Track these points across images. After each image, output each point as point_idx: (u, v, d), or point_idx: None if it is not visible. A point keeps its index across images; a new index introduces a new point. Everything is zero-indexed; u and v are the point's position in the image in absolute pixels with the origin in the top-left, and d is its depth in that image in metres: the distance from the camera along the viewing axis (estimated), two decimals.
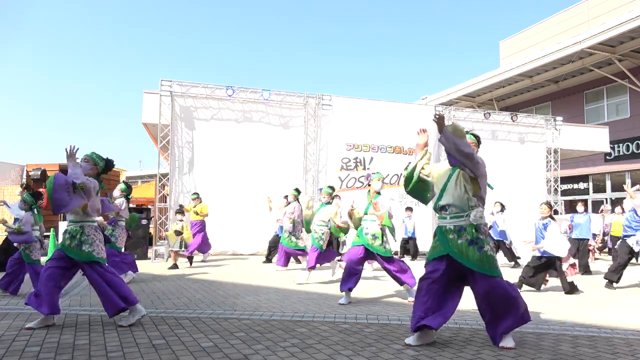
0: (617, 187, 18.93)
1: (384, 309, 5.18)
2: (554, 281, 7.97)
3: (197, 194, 10.45)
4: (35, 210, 6.38)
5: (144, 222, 10.89)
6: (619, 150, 18.38)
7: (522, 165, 13.90)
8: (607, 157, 18.56)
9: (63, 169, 13.64)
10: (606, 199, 18.35)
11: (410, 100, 27.91)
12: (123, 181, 7.91)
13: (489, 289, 3.58)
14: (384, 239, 5.68)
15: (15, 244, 6.52)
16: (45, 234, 11.27)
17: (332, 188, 8.14)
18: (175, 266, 8.96)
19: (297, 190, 9.34)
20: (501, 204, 10.45)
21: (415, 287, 4.02)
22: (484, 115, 13.77)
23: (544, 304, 5.73)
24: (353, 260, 5.57)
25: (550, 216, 6.63)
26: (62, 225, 11.19)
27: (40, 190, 12.19)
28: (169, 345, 3.59)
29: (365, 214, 5.76)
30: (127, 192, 7.34)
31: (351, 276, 5.50)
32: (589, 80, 19.78)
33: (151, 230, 11.96)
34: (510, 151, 13.96)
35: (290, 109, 12.38)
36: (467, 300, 5.85)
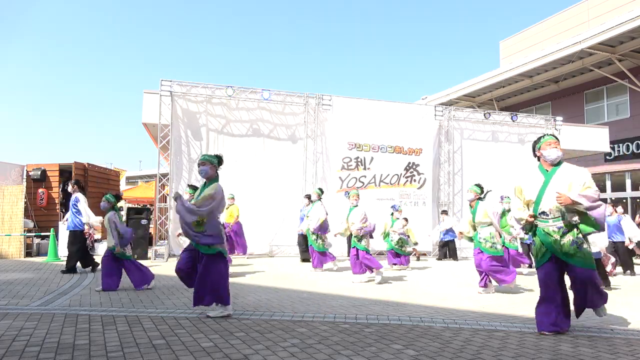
0: (617, 187, 18.92)
1: (384, 309, 5.18)
2: None
3: (232, 195, 9.44)
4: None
5: (143, 222, 10.88)
6: (619, 150, 18.36)
7: (522, 166, 13.88)
8: (607, 157, 18.54)
9: (63, 169, 13.56)
10: (606, 199, 18.33)
11: (410, 100, 27.96)
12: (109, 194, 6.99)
13: None
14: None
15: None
16: (44, 234, 11.31)
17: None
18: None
19: (321, 190, 9.56)
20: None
21: None
22: (484, 115, 13.76)
23: None
24: None
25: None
26: (62, 226, 11.17)
27: (41, 190, 12.23)
28: (169, 345, 3.59)
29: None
30: (114, 202, 6.70)
31: None
32: (589, 80, 19.78)
33: (151, 230, 11.95)
34: (510, 151, 13.95)
35: (291, 109, 12.39)
36: (467, 300, 5.87)
